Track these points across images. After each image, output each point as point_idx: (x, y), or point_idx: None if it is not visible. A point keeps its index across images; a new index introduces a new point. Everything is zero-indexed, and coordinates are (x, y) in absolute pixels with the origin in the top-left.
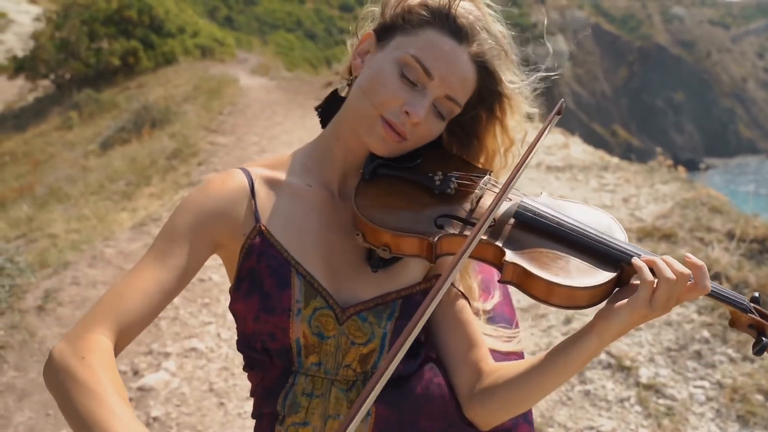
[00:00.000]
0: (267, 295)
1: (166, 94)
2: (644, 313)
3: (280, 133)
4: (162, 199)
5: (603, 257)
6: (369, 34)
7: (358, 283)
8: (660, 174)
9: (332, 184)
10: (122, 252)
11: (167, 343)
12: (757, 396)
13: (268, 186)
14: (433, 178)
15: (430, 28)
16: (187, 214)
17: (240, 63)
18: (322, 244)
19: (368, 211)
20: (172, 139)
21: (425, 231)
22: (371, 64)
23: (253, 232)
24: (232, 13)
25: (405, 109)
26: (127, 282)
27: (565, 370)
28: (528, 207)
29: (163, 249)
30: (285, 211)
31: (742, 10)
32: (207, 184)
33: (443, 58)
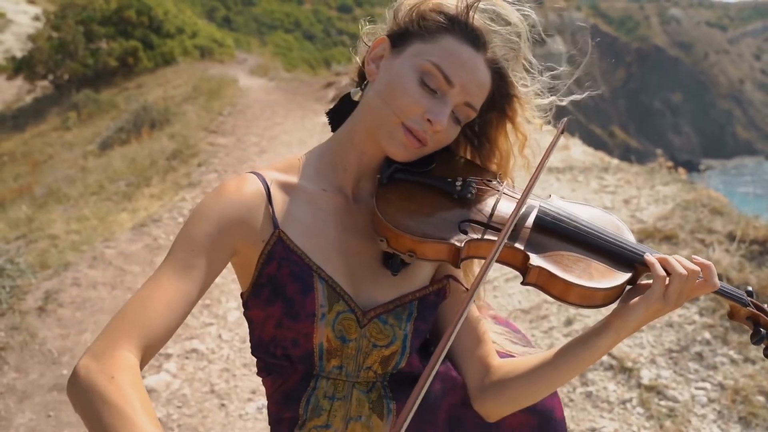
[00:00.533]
0: (290, 301)
1: (165, 94)
2: (658, 308)
3: (280, 133)
4: (162, 199)
5: (618, 258)
6: (382, 39)
7: (376, 285)
8: (660, 175)
9: (346, 188)
10: (123, 253)
11: (168, 345)
12: (758, 397)
13: (284, 190)
14: (454, 184)
15: (447, 34)
16: (204, 221)
17: (239, 64)
18: (340, 247)
19: (393, 217)
20: (171, 139)
21: (451, 237)
22: (388, 70)
23: (272, 238)
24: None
25: (427, 116)
26: (149, 294)
27: (578, 366)
28: (548, 211)
29: (183, 259)
30: (302, 215)
31: (739, 11)
32: (222, 190)
33: (463, 65)
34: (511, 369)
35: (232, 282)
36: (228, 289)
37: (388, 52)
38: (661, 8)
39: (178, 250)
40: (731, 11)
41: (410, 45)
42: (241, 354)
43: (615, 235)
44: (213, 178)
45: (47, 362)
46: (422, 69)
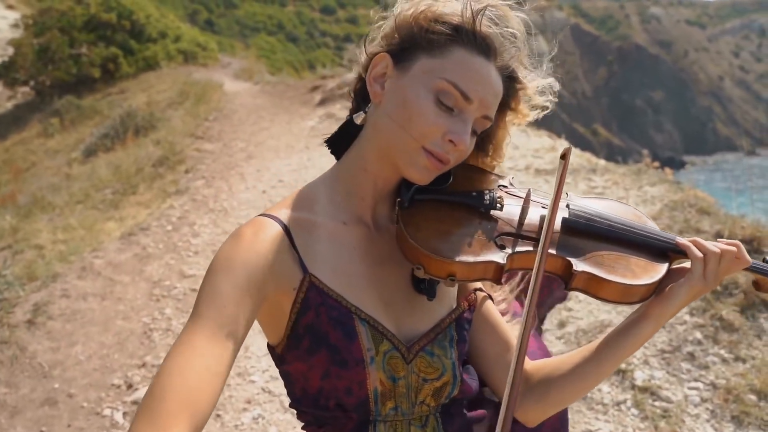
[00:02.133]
0: (335, 349)
1: (149, 99)
2: (700, 288)
3: (267, 138)
4: (150, 207)
5: (653, 250)
6: (383, 56)
7: (414, 314)
8: (648, 176)
9: (366, 217)
10: (112, 262)
11: (161, 355)
12: (750, 396)
13: (303, 230)
14: (481, 198)
15: (457, 46)
16: (228, 273)
17: (223, 67)
18: (372, 282)
19: (427, 243)
20: (157, 146)
21: (491, 254)
22: (397, 91)
23: (303, 285)
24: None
25: (449, 138)
26: (187, 364)
27: (621, 358)
28: (578, 212)
29: (214, 317)
30: (328, 254)
31: (718, 9)
32: (239, 239)
33: (478, 79)
34: (552, 370)
35: None
36: None
37: (392, 70)
38: (641, 7)
39: (205, 309)
40: (710, 9)
41: (416, 60)
42: (235, 364)
43: (643, 226)
44: (201, 184)
45: (38, 376)
46: (437, 88)
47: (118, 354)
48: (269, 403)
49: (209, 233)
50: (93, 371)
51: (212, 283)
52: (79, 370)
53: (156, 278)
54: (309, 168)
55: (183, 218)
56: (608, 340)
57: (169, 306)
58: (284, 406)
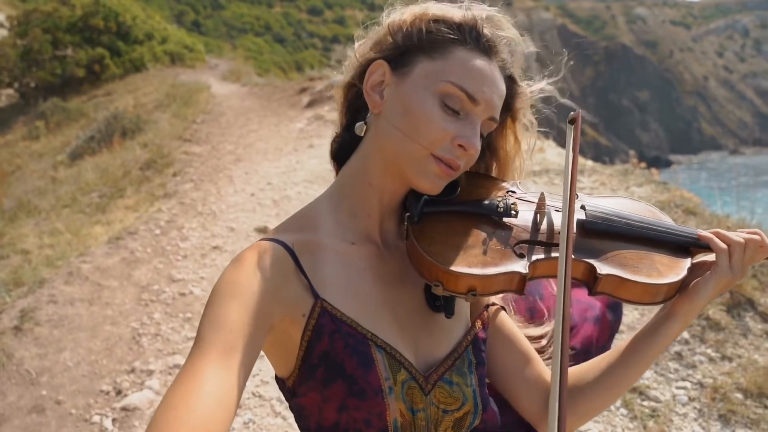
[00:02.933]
0: (352, 379)
1: (135, 102)
2: (728, 280)
3: (255, 140)
4: (137, 211)
5: (674, 246)
6: (379, 64)
7: (431, 336)
8: (634, 176)
9: (374, 235)
10: (99, 267)
11: (150, 361)
12: (736, 394)
13: (309, 253)
14: (495, 205)
15: (458, 47)
16: (232, 298)
17: (210, 69)
18: (385, 304)
19: (444, 257)
20: (144, 148)
21: (512, 264)
22: (399, 98)
23: (314, 311)
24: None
25: (459, 142)
26: (193, 396)
27: (649, 360)
28: (595, 213)
29: (220, 343)
30: (338, 277)
31: (702, 10)
32: (242, 263)
33: (483, 80)
34: (576, 380)
35: None
36: None
37: (390, 77)
38: (626, 7)
39: (210, 334)
40: (694, 10)
41: (416, 64)
42: None
43: (660, 222)
44: (189, 187)
45: (25, 383)
46: (442, 92)
47: (107, 360)
48: (260, 407)
49: (198, 237)
50: (81, 377)
51: (216, 308)
52: (67, 377)
53: (144, 283)
54: (298, 170)
55: (171, 222)
56: (635, 343)
57: (157, 311)
58: (275, 410)
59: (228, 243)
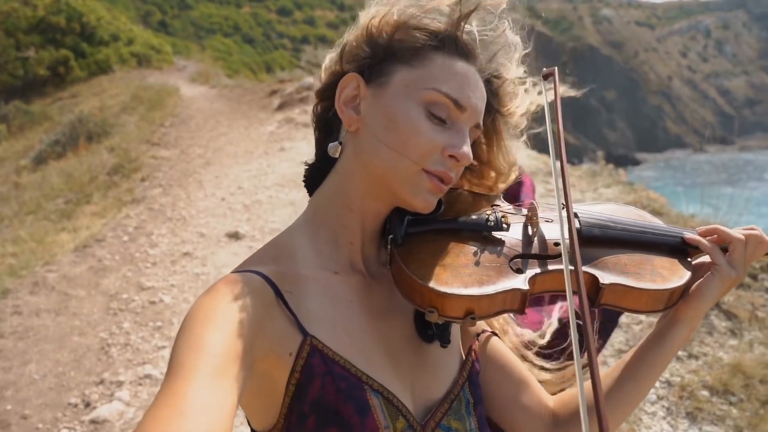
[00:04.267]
0: (348, 427)
1: (101, 104)
2: (732, 279)
3: (225, 144)
4: (105, 217)
5: (669, 247)
6: (351, 77)
7: (426, 371)
8: (602, 178)
9: (358, 263)
10: (66, 276)
11: (119, 371)
12: (703, 392)
13: (291, 285)
14: (484, 220)
15: (438, 53)
16: (213, 324)
17: (179, 71)
18: (376, 339)
19: (438, 280)
20: (111, 153)
21: (510, 281)
22: (380, 112)
23: (303, 349)
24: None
25: (450, 153)
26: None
27: (659, 370)
28: (590, 220)
29: (204, 366)
30: (324, 311)
31: (666, 11)
32: (217, 291)
33: (468, 85)
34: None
35: (183, 302)
36: (179, 309)
37: (365, 91)
38: (593, 8)
39: (191, 360)
40: (658, 11)
41: (393, 74)
42: None
43: (654, 225)
44: (158, 192)
45: None
46: (427, 100)
47: (75, 371)
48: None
49: (167, 243)
50: (48, 390)
51: (194, 334)
52: (33, 390)
53: (113, 291)
54: (269, 174)
55: (140, 228)
56: (641, 355)
57: (127, 320)
58: None
59: (198, 249)
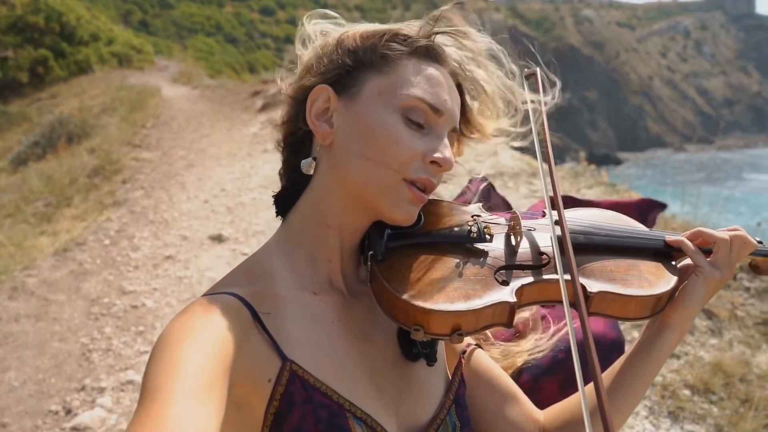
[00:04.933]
0: None
1: (81, 105)
2: (718, 280)
3: (208, 146)
4: (86, 220)
5: (653, 252)
6: (321, 89)
7: (411, 393)
8: (585, 178)
9: (337, 282)
10: (46, 281)
11: (101, 377)
12: (684, 391)
13: (268, 306)
14: (467, 231)
15: (409, 58)
16: (191, 343)
17: (160, 71)
18: (359, 363)
19: (422, 297)
20: (92, 154)
21: (497, 294)
22: (355, 123)
23: (282, 375)
24: (147, 17)
25: (432, 158)
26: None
27: (650, 379)
28: (573, 228)
29: (187, 392)
30: (303, 334)
31: (646, 12)
32: (193, 311)
33: (442, 89)
34: (573, 414)
35: (166, 306)
36: (162, 313)
37: (336, 102)
38: (574, 9)
39: (168, 383)
40: (638, 11)
41: (365, 82)
42: None
43: (637, 229)
44: (139, 195)
45: None
46: (403, 106)
47: (55, 378)
48: None
49: (150, 246)
50: (28, 397)
51: (169, 354)
52: (12, 397)
53: (94, 296)
54: (252, 176)
55: (121, 231)
56: (630, 365)
57: (108, 325)
58: None
59: (181, 252)
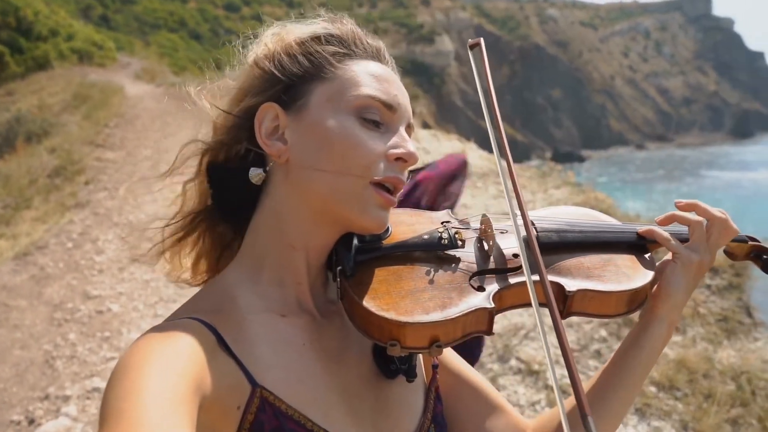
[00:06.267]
0: None
1: (40, 103)
2: (697, 263)
3: (174, 145)
4: (47, 223)
5: (627, 245)
6: (268, 107)
7: (389, 417)
8: (552, 179)
9: (306, 303)
10: (5, 286)
11: (65, 385)
12: (651, 388)
13: (235, 330)
14: (437, 238)
15: (350, 60)
16: (155, 363)
17: (122, 68)
18: (333, 385)
19: (396, 309)
20: (52, 154)
21: (474, 300)
22: (310, 135)
23: (252, 402)
24: (108, 12)
25: (396, 155)
26: None
27: (643, 376)
28: (545, 227)
29: (154, 419)
30: (275, 357)
31: (608, 12)
32: (153, 335)
33: (390, 85)
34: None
35: (133, 310)
36: (128, 318)
37: (285, 118)
38: (539, 8)
39: (133, 410)
40: (601, 12)
41: (310, 93)
42: None
43: (608, 224)
44: (103, 196)
45: None
46: (357, 107)
47: (17, 387)
48: None
49: (114, 249)
50: None
51: (130, 380)
52: None
53: (57, 301)
54: None
55: (85, 234)
56: (620, 363)
57: (72, 331)
58: None
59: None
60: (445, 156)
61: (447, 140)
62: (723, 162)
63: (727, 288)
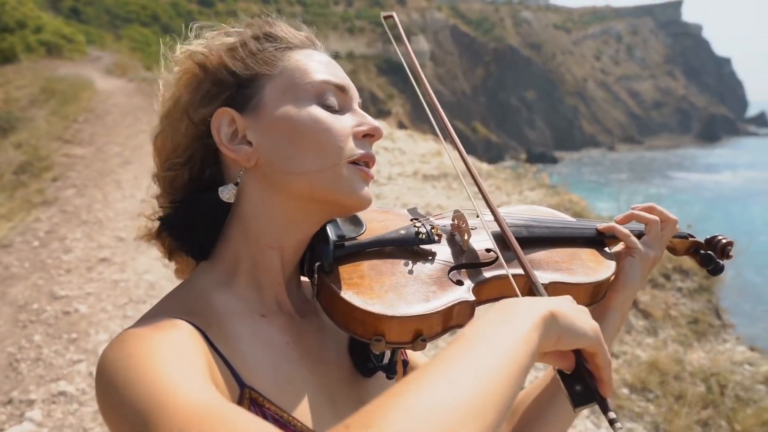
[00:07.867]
0: None
1: (6, 96)
2: (651, 258)
3: (145, 142)
4: (12, 221)
5: (587, 240)
6: (222, 113)
7: None
8: (527, 180)
9: (285, 303)
10: None
11: (30, 389)
12: (623, 390)
13: (218, 331)
14: (414, 233)
15: (291, 52)
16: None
17: (92, 62)
18: (319, 386)
19: (381, 303)
20: (18, 149)
21: (454, 293)
22: (275, 131)
23: (241, 404)
24: (78, 4)
25: (364, 131)
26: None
27: None
28: (514, 223)
29: (187, 377)
30: (261, 357)
31: (581, 15)
32: (141, 334)
33: (335, 68)
34: (525, 414)
35: (101, 311)
36: (97, 319)
37: (242, 120)
38: (513, 10)
39: (182, 394)
40: (574, 15)
41: (262, 90)
42: None
43: (569, 220)
44: (71, 194)
45: None
46: (314, 93)
47: None
48: None
49: (83, 248)
50: None
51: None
52: None
53: (22, 301)
54: None
55: (52, 232)
56: None
57: (38, 332)
58: None
59: (117, 254)
60: None
61: (423, 141)
62: (690, 164)
63: (697, 290)
